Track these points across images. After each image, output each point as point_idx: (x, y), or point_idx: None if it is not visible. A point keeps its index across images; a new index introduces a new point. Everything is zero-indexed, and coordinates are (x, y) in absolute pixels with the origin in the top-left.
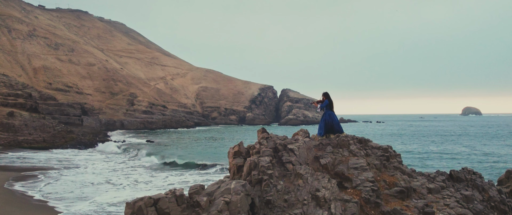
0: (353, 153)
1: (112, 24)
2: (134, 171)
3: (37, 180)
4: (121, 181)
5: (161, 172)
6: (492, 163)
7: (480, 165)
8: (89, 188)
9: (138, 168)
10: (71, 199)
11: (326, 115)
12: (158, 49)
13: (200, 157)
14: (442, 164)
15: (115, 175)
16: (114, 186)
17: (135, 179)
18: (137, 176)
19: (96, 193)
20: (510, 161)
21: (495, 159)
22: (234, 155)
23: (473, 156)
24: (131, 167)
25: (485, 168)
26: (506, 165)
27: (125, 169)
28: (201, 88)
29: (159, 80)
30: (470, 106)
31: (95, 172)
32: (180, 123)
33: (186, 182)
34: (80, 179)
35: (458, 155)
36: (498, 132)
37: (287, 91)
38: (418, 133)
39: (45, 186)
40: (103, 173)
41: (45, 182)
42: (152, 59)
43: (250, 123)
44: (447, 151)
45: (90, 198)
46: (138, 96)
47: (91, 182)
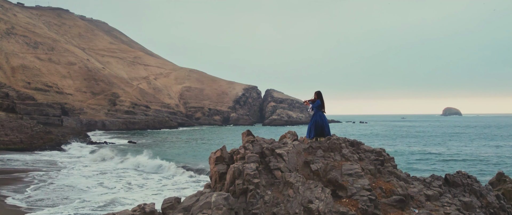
0: (345, 157)
1: (94, 23)
2: (124, 173)
3: (21, 183)
4: (113, 183)
5: (153, 174)
6: (482, 164)
7: (468, 166)
8: (77, 192)
9: (125, 170)
10: (67, 206)
11: (317, 116)
12: (141, 48)
13: (188, 159)
14: (432, 166)
15: (106, 178)
16: (109, 189)
17: (128, 181)
18: (129, 179)
19: (93, 196)
20: (499, 162)
21: (480, 159)
22: (216, 160)
23: (460, 156)
24: (119, 169)
25: (474, 169)
26: (491, 165)
27: (114, 172)
28: (185, 88)
29: (142, 80)
30: (451, 107)
31: (84, 175)
32: (163, 123)
33: (179, 187)
34: (68, 182)
35: (444, 156)
36: (482, 132)
37: (271, 92)
38: (401, 134)
39: (34, 191)
40: (92, 175)
41: (32, 186)
42: (135, 59)
43: (234, 123)
44: (432, 151)
45: (82, 200)
46: (120, 96)
47: (84, 185)
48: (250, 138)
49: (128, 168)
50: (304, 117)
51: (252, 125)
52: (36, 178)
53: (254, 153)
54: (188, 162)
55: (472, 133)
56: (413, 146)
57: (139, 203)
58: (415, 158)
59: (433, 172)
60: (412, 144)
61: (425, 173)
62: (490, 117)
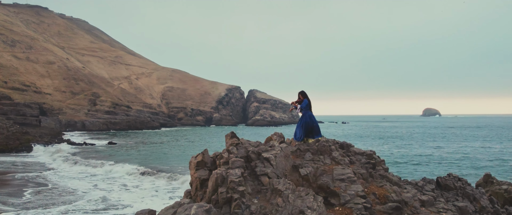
0: (336, 160)
1: (74, 22)
2: (118, 176)
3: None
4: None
5: (147, 176)
6: (465, 165)
7: (450, 167)
8: (73, 195)
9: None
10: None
11: (306, 117)
12: (122, 48)
13: (168, 161)
14: (418, 167)
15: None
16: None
17: (123, 183)
18: (123, 180)
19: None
20: (482, 162)
21: (461, 158)
22: (197, 166)
23: (443, 157)
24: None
25: (456, 170)
26: (475, 166)
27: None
28: (167, 88)
29: (123, 79)
30: (430, 108)
31: (68, 175)
32: (145, 123)
33: (155, 194)
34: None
35: (428, 157)
36: (462, 132)
37: (254, 92)
38: (384, 134)
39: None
40: (78, 176)
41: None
42: (116, 58)
43: (217, 123)
44: (417, 152)
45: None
46: (100, 96)
47: (78, 188)
48: (234, 140)
49: (98, 173)
50: (287, 117)
51: (235, 125)
52: (28, 180)
53: (239, 157)
54: (169, 165)
55: (454, 133)
56: (396, 146)
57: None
58: (400, 160)
59: (418, 173)
60: (395, 144)
61: (413, 176)
62: (468, 117)
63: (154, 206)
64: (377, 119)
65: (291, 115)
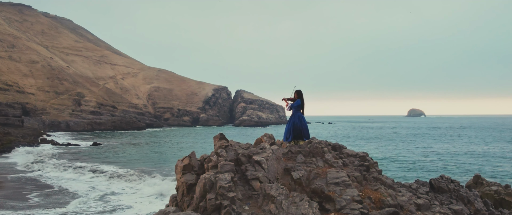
0: (329, 163)
1: (58, 20)
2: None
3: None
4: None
5: (132, 178)
6: (452, 164)
7: (441, 167)
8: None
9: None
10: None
11: (295, 117)
12: (108, 47)
13: (154, 164)
14: (405, 168)
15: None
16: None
17: (106, 186)
18: (106, 183)
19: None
20: (469, 165)
21: (447, 158)
22: (183, 169)
23: (429, 157)
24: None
25: (444, 171)
26: (462, 167)
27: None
28: (153, 88)
29: (108, 79)
30: (415, 108)
31: (49, 176)
32: (131, 124)
33: (138, 200)
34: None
35: (414, 157)
36: (447, 132)
37: (241, 92)
38: (372, 135)
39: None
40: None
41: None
42: (101, 58)
43: (204, 124)
44: (403, 153)
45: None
46: (85, 96)
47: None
48: (223, 142)
49: (80, 175)
50: (274, 117)
51: (222, 125)
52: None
53: (228, 160)
54: (155, 167)
55: (440, 134)
56: (384, 147)
57: None
58: (388, 161)
59: (406, 175)
60: (383, 144)
61: (401, 177)
62: (453, 117)
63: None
64: (363, 119)
65: (278, 115)
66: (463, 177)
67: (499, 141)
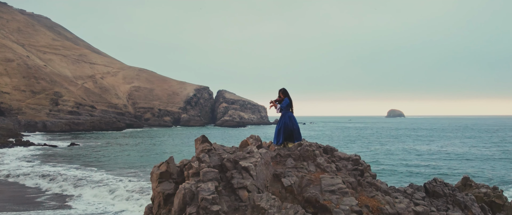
0: (321, 167)
1: (35, 18)
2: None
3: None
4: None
5: (108, 181)
6: (436, 165)
7: (424, 167)
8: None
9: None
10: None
11: (286, 118)
12: (87, 46)
13: (133, 166)
14: (390, 168)
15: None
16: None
17: (82, 190)
18: (82, 188)
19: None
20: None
21: (430, 159)
22: (160, 177)
23: (411, 158)
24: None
25: (430, 170)
26: (444, 167)
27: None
28: (134, 88)
29: (87, 78)
30: (395, 109)
31: (23, 177)
32: (110, 124)
33: (110, 209)
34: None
35: (396, 158)
36: (427, 134)
37: (223, 93)
38: (352, 135)
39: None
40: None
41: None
42: (80, 57)
43: (185, 124)
44: (384, 153)
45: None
46: (63, 95)
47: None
48: (206, 145)
49: (55, 177)
50: (256, 118)
51: (204, 126)
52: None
53: (212, 166)
54: (134, 170)
55: (421, 135)
56: (367, 147)
57: None
58: (375, 163)
59: (392, 176)
60: (366, 145)
61: (387, 179)
62: (431, 118)
63: None
64: (343, 119)
65: (260, 116)
66: (448, 178)
67: (478, 140)
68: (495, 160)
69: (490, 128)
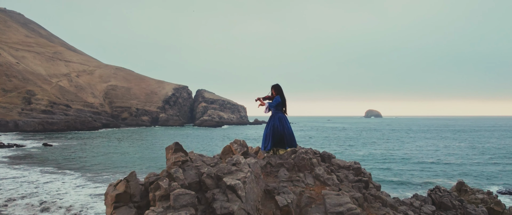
0: (321, 179)
1: (7, 14)
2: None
3: None
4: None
5: (80, 185)
6: (417, 167)
7: (407, 170)
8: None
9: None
10: None
11: (275, 120)
12: (62, 43)
13: (102, 168)
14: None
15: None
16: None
17: (51, 195)
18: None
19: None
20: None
21: (415, 160)
22: (116, 201)
23: (395, 158)
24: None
25: (421, 175)
26: (426, 168)
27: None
28: (110, 87)
29: (62, 77)
30: (372, 109)
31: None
32: (86, 124)
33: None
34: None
35: (378, 159)
36: (406, 135)
37: (202, 92)
38: (332, 134)
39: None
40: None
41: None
42: (55, 54)
43: (163, 124)
44: (367, 153)
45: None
46: (36, 94)
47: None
48: (180, 156)
49: (23, 179)
50: (236, 117)
51: (182, 126)
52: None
53: (187, 184)
54: (109, 172)
55: (404, 136)
56: (349, 148)
57: None
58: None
59: (380, 177)
60: (347, 145)
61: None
62: (408, 118)
63: None
64: (322, 119)
65: (239, 115)
66: (432, 179)
67: (454, 140)
68: (474, 159)
69: (466, 128)
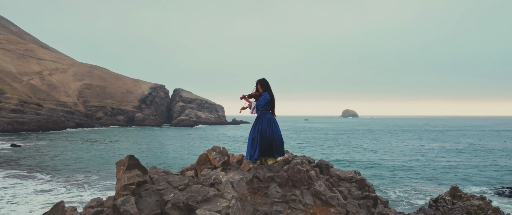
0: (322, 198)
1: None
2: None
3: None
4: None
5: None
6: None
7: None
8: None
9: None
10: None
11: (263, 122)
12: (34, 40)
13: (81, 169)
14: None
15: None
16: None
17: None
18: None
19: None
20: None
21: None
22: None
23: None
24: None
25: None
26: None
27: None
28: (85, 85)
29: (34, 75)
30: (349, 109)
31: None
32: (59, 123)
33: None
34: None
35: (361, 161)
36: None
37: (180, 91)
38: (314, 136)
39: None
40: None
41: None
42: (26, 52)
43: (139, 123)
44: (347, 154)
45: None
46: (6, 92)
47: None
48: (135, 175)
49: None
50: (213, 117)
51: (160, 125)
52: None
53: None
54: (82, 175)
55: (380, 136)
56: (330, 148)
57: None
58: (340, 164)
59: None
60: (328, 146)
61: None
62: (383, 118)
63: None
64: (299, 119)
65: (217, 115)
66: (416, 181)
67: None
68: (456, 160)
69: (443, 128)
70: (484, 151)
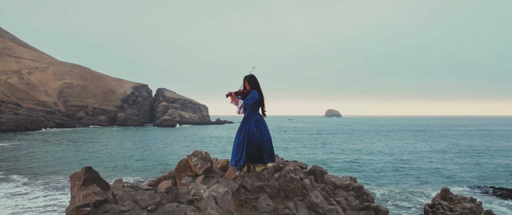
0: (320, 212)
1: None
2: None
3: None
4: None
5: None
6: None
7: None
8: None
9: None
10: None
11: (251, 123)
12: (12, 38)
13: (59, 171)
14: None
15: None
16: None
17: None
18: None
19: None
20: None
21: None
22: None
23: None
24: None
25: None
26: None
27: None
28: (65, 85)
29: (12, 74)
30: (332, 109)
31: None
32: (38, 123)
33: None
34: None
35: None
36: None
37: (163, 91)
38: (298, 136)
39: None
40: None
41: None
42: (4, 50)
43: (122, 123)
44: (331, 155)
45: None
46: None
47: None
48: (92, 193)
49: None
50: (197, 117)
51: (142, 125)
52: None
53: None
54: (62, 176)
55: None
56: (313, 150)
57: None
58: (327, 166)
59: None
60: (310, 146)
61: None
62: (366, 118)
63: None
64: (283, 119)
65: (201, 115)
66: (390, 178)
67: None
68: (436, 159)
69: (424, 128)
70: (466, 150)
